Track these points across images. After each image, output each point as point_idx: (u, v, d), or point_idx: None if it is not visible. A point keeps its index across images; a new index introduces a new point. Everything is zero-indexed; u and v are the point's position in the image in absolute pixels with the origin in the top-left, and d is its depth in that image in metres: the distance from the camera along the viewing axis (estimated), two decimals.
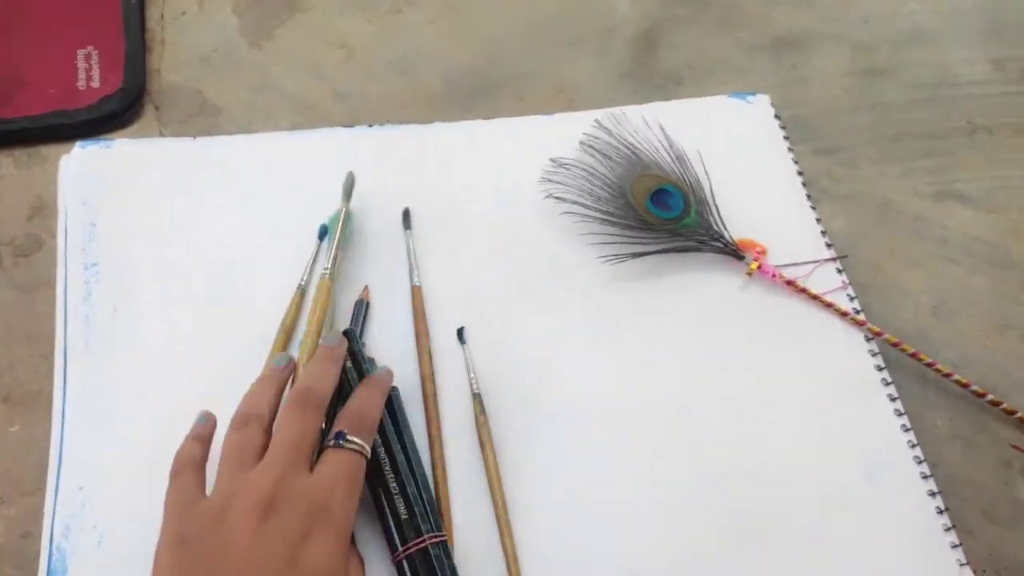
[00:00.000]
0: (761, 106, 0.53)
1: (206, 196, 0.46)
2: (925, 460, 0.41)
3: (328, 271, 0.41)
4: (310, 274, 0.42)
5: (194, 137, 0.48)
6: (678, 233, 0.46)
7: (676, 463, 0.40)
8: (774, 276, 0.46)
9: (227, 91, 0.51)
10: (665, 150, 0.49)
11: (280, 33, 0.54)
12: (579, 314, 0.44)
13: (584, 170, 0.48)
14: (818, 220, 0.49)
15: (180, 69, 0.52)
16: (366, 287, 0.43)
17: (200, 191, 0.46)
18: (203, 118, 0.50)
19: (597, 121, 0.50)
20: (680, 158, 0.49)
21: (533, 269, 0.45)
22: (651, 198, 0.47)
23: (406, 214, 0.46)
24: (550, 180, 0.47)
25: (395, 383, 0.39)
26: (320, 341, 0.38)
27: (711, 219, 0.47)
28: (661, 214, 0.46)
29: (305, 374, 0.37)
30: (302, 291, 0.42)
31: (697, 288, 0.45)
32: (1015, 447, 0.42)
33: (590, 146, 0.49)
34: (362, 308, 0.42)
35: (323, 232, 0.44)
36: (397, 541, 0.35)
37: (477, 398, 0.40)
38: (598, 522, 0.38)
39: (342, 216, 0.43)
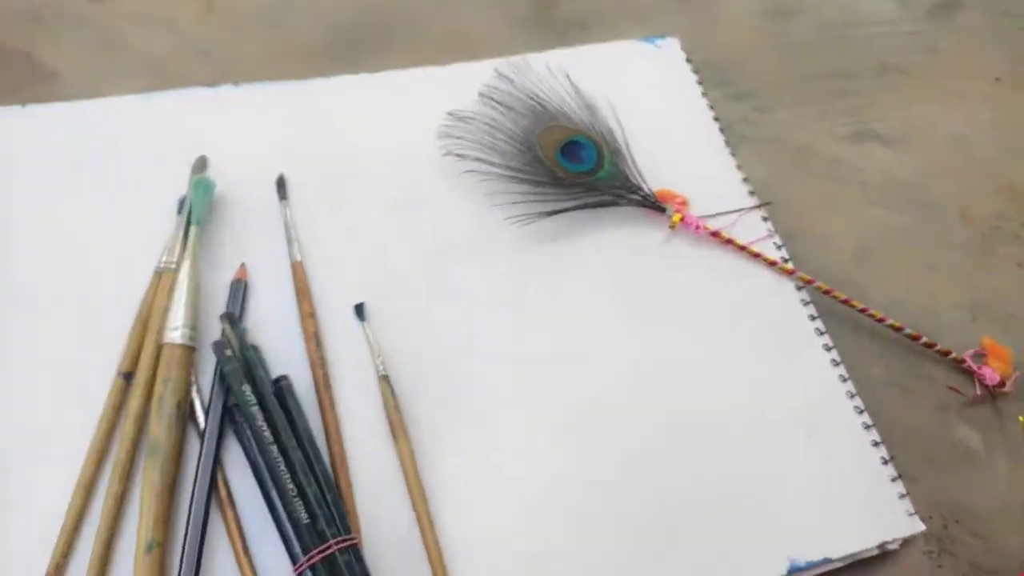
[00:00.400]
0: (671, 50, 0.49)
1: (45, 172, 0.39)
2: (865, 410, 0.39)
3: (167, 264, 0.36)
4: (170, 254, 0.36)
5: (23, 105, 0.41)
6: (593, 187, 0.42)
7: (605, 432, 0.37)
8: (698, 228, 0.42)
9: (64, 52, 0.44)
10: (572, 99, 0.45)
11: None
12: (491, 281, 0.40)
13: (486, 123, 0.43)
14: (739, 167, 0.46)
15: (3, 28, 0.44)
16: (242, 265, 0.37)
17: (37, 167, 0.39)
18: (35, 84, 0.43)
19: (497, 71, 0.45)
20: (590, 107, 0.45)
21: (436, 234, 0.41)
22: (561, 151, 0.43)
23: (280, 183, 0.40)
24: (449, 135, 0.43)
25: (286, 371, 0.35)
26: None
27: (627, 170, 0.43)
28: (573, 167, 0.42)
29: None
30: (160, 275, 0.35)
31: (617, 244, 0.42)
32: (952, 388, 0.41)
33: (491, 98, 0.44)
34: (240, 289, 0.36)
35: (183, 206, 0.38)
36: (298, 549, 0.31)
37: (385, 380, 0.35)
38: (528, 506, 0.34)
39: (189, 199, 0.38)
